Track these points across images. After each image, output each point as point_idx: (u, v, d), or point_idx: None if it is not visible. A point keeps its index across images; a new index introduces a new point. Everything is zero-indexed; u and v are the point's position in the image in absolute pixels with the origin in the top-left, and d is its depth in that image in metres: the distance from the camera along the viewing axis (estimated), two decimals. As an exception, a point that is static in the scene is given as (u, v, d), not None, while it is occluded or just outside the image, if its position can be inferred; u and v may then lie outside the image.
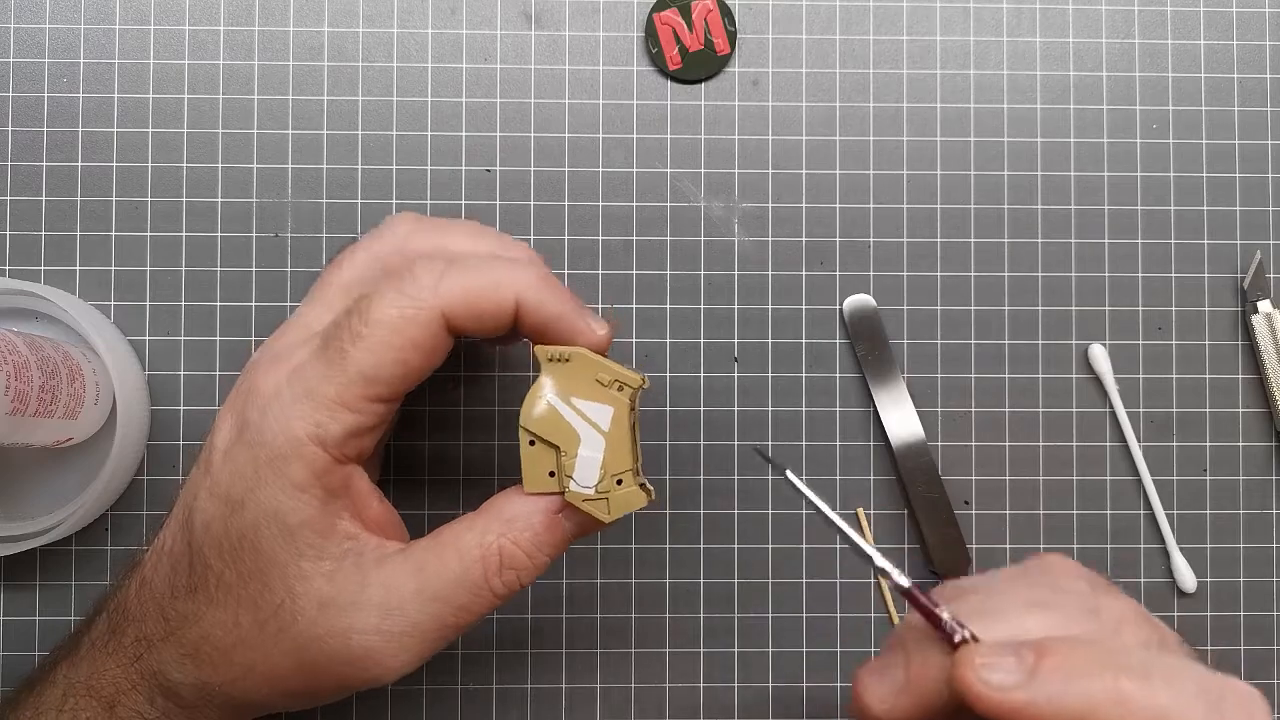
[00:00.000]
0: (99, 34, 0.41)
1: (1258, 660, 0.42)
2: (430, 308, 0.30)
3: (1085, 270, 0.42)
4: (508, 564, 0.31)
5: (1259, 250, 0.42)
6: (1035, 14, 0.43)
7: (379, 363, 0.30)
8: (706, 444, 0.42)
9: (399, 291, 0.30)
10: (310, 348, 0.31)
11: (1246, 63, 0.43)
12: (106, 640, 0.32)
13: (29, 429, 0.35)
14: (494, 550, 0.31)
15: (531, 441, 0.31)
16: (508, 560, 0.31)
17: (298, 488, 0.30)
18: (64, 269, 0.41)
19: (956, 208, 0.42)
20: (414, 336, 0.30)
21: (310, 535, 0.30)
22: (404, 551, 0.31)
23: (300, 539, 0.30)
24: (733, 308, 0.42)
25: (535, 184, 0.42)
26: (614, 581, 0.41)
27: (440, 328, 0.30)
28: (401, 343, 0.30)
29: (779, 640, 0.41)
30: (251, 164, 0.41)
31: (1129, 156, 0.43)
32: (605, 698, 0.41)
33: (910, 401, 0.42)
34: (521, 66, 0.42)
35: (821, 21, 0.42)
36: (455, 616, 0.31)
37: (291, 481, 0.30)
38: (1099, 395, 0.42)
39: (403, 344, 0.30)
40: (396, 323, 0.30)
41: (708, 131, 0.42)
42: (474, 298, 0.30)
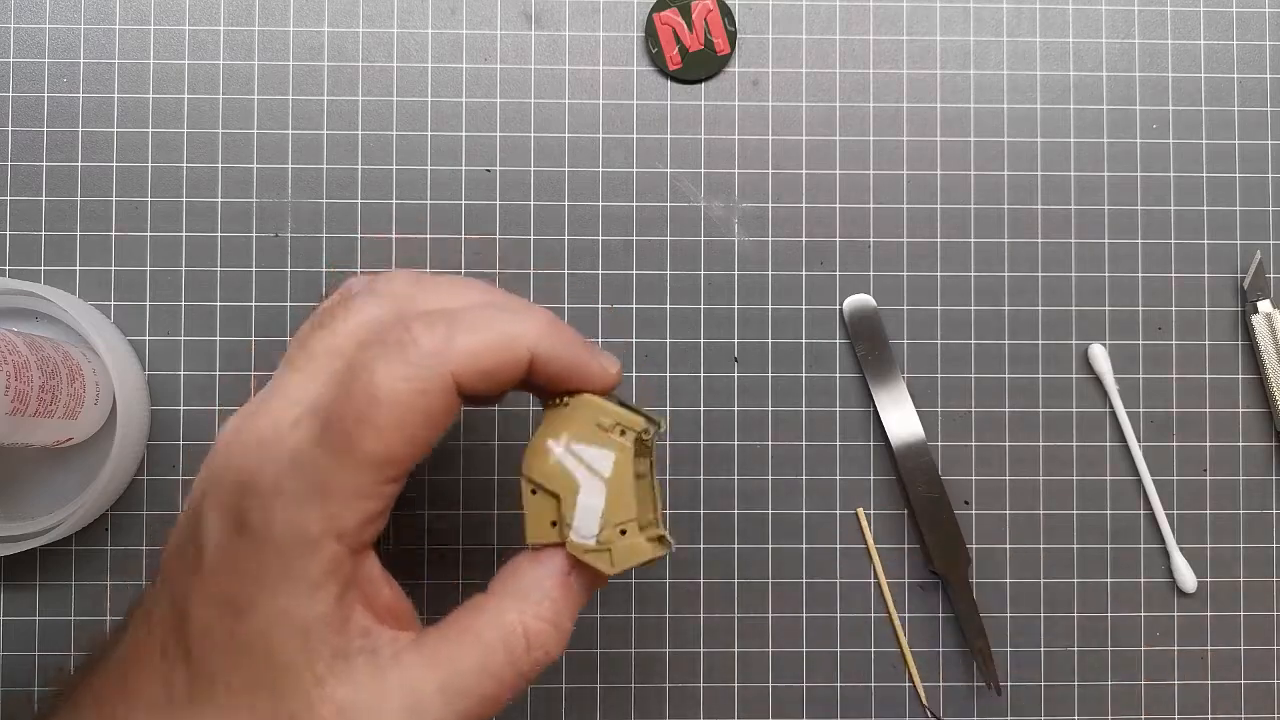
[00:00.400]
0: (99, 34, 0.41)
1: (1258, 660, 0.42)
2: (441, 375, 0.27)
3: (1085, 270, 0.42)
4: (535, 643, 0.29)
5: (1259, 250, 0.42)
6: (1035, 14, 0.43)
7: (391, 445, 0.27)
8: (706, 444, 0.42)
9: (404, 361, 0.27)
10: (307, 432, 0.27)
11: (1246, 63, 0.43)
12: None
13: (29, 429, 0.35)
14: (517, 632, 0.28)
15: (534, 490, 0.30)
16: (534, 640, 0.29)
17: (314, 585, 0.27)
18: (64, 269, 0.41)
19: (956, 208, 0.42)
20: (426, 409, 0.27)
21: (326, 634, 0.27)
22: (418, 644, 0.28)
23: (315, 639, 0.27)
24: (733, 308, 0.42)
25: (535, 184, 0.42)
26: (614, 581, 0.41)
27: (452, 395, 0.27)
28: (414, 420, 0.27)
29: (779, 640, 0.41)
30: (251, 164, 0.41)
31: (1129, 156, 0.43)
32: (605, 698, 0.41)
33: (910, 401, 0.42)
34: (521, 66, 0.42)
35: (821, 21, 0.42)
36: (482, 708, 0.28)
37: (308, 581, 0.27)
38: (1099, 395, 0.42)
39: (415, 421, 0.27)
40: (405, 399, 0.27)
41: (708, 131, 0.42)
42: (485, 357, 0.28)
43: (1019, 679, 0.42)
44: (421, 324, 0.28)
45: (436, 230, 0.42)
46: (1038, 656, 0.42)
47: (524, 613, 0.29)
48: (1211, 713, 0.42)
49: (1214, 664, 0.42)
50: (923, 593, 0.42)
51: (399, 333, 0.27)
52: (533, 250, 0.42)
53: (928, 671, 0.42)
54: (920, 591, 0.42)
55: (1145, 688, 0.42)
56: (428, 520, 0.41)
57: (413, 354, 0.27)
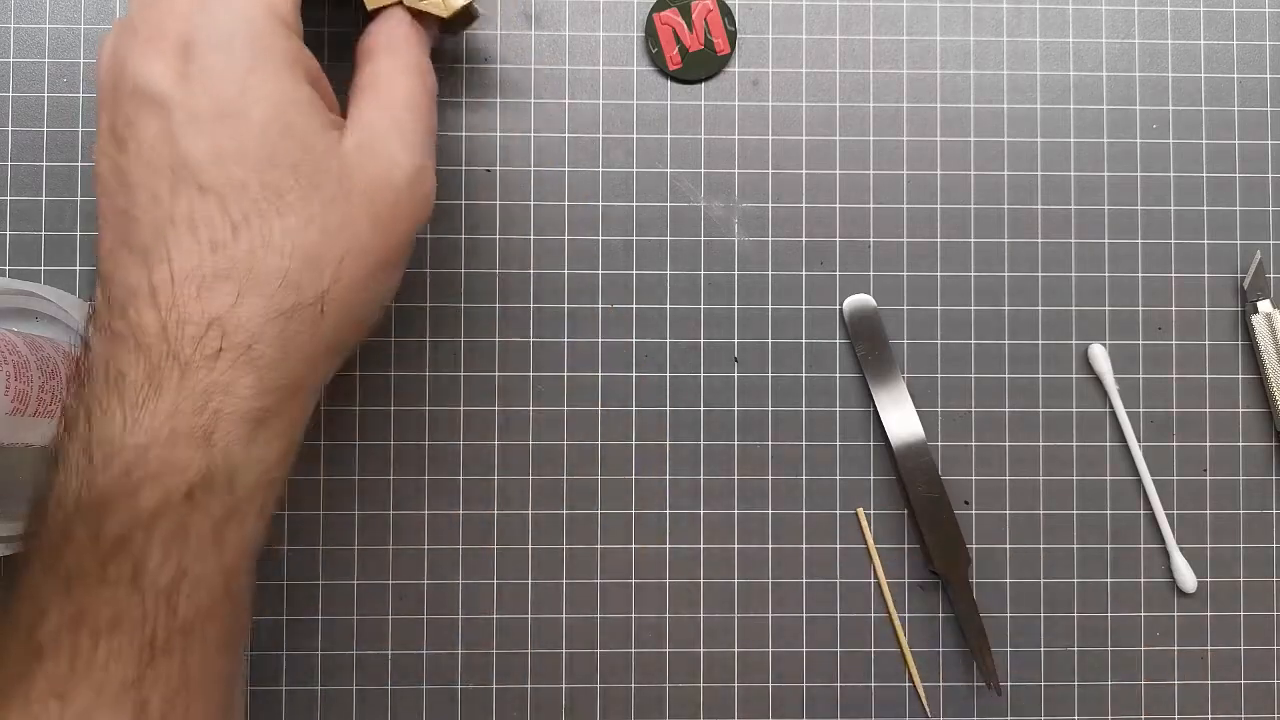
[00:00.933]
0: (99, 34, 0.41)
1: (1258, 661, 0.42)
2: None
3: (1085, 270, 0.42)
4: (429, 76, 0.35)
5: (1259, 250, 0.42)
6: (1035, 14, 0.43)
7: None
8: (706, 444, 0.42)
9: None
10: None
11: (1246, 63, 0.43)
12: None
13: (29, 429, 0.35)
14: (419, 70, 0.34)
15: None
16: (428, 73, 0.35)
17: (292, 63, 0.30)
18: (64, 269, 0.41)
19: (956, 208, 0.42)
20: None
21: (316, 101, 0.31)
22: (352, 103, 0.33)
23: (313, 108, 0.31)
24: (733, 307, 0.42)
25: (535, 184, 0.42)
26: (614, 582, 0.41)
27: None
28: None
29: (779, 640, 0.41)
30: (251, 164, 0.41)
31: (1129, 156, 0.43)
32: (605, 697, 0.41)
33: (910, 401, 0.42)
34: (521, 66, 0.42)
35: (822, 21, 0.42)
36: (430, 120, 0.34)
37: (286, 60, 0.30)
38: (1099, 395, 0.42)
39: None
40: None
41: (708, 131, 0.42)
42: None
43: (1019, 679, 0.42)
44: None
45: (436, 231, 0.42)
46: (1038, 656, 0.42)
47: (397, 59, 0.34)
48: (1211, 713, 0.42)
49: (1214, 664, 0.42)
50: (923, 593, 0.42)
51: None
52: (533, 250, 0.42)
53: (928, 671, 0.42)
54: (920, 591, 0.42)
55: (1145, 688, 0.42)
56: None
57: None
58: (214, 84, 0.29)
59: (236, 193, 0.29)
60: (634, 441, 0.41)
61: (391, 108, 0.33)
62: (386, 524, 0.41)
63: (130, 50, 0.30)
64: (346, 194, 0.31)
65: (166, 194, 0.29)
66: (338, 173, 0.31)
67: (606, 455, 0.41)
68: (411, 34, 0.34)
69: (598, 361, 0.41)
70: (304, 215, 0.30)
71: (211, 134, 0.29)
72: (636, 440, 0.41)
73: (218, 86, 0.29)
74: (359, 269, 0.31)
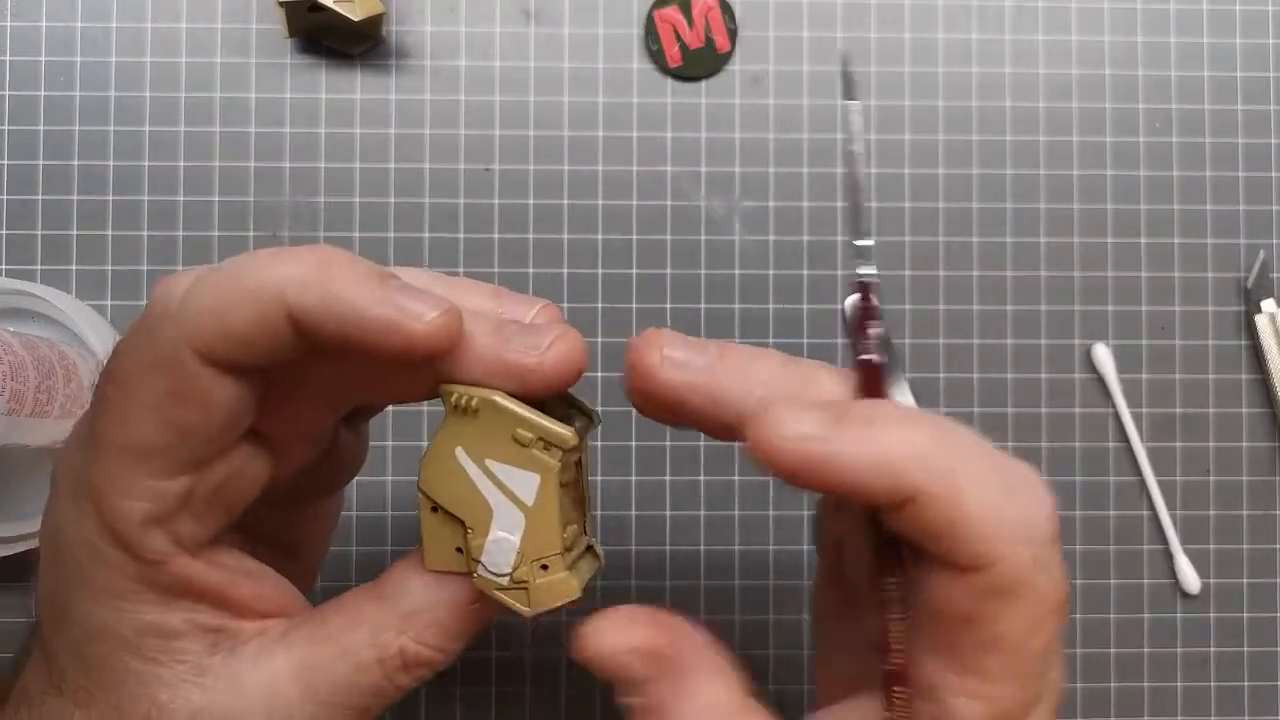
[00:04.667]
0: (95, 32, 0.41)
1: (1261, 662, 0.42)
2: (168, 345, 0.22)
3: (1088, 270, 0.42)
4: (413, 663, 0.25)
5: (1263, 250, 0.42)
6: (1038, 11, 0.43)
7: (135, 431, 0.22)
8: (706, 444, 0.41)
9: (138, 329, 0.23)
10: (78, 424, 0.24)
11: (1250, 60, 0.43)
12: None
13: (25, 429, 0.35)
14: (394, 652, 0.24)
15: (435, 508, 0.24)
16: (412, 660, 0.25)
17: (118, 595, 0.23)
18: (60, 268, 0.41)
19: (959, 206, 0.42)
20: (169, 389, 0.22)
21: (157, 641, 0.24)
22: (287, 642, 0.25)
23: (146, 648, 0.24)
24: (733, 307, 0.42)
25: (534, 182, 0.42)
26: (613, 583, 0.41)
27: (198, 367, 0.22)
28: (153, 398, 0.22)
29: (780, 642, 0.41)
30: (249, 162, 0.41)
31: (1132, 155, 0.42)
32: (605, 701, 0.41)
33: (913, 401, 0.41)
34: (520, 64, 0.42)
35: (823, 19, 0.42)
36: (356, 716, 0.25)
37: (110, 591, 0.23)
38: (1102, 395, 0.42)
39: (156, 399, 0.22)
40: (135, 375, 0.22)
41: (708, 130, 0.42)
42: (223, 315, 0.21)
43: (1021, 681, 0.42)
44: (165, 283, 0.23)
45: (435, 229, 0.41)
46: (1040, 658, 0.42)
47: (406, 634, 0.25)
48: (1215, 714, 0.42)
49: (1217, 666, 0.42)
50: (924, 594, 0.42)
51: (152, 292, 0.23)
52: (532, 249, 0.41)
53: (929, 673, 0.41)
54: (922, 593, 0.42)
55: (1148, 689, 0.42)
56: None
57: (145, 320, 0.22)
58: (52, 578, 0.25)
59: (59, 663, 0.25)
60: (634, 442, 0.41)
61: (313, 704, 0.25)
62: (385, 525, 0.41)
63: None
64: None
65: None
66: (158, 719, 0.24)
67: (606, 456, 0.41)
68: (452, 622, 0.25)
69: (598, 362, 0.41)
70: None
71: (52, 614, 0.25)
72: (636, 441, 0.41)
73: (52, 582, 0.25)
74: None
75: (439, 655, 0.25)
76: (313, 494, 0.29)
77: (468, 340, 0.23)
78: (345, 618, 0.25)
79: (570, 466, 0.25)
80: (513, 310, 0.25)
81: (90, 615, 0.24)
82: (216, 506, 0.24)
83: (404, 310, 0.22)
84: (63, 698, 0.25)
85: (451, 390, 0.23)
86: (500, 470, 0.23)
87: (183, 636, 0.24)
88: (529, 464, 0.23)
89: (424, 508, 0.24)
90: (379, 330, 0.22)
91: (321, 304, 0.21)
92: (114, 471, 0.22)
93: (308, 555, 0.30)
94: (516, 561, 0.24)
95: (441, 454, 0.24)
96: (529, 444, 0.23)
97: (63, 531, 0.24)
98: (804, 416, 0.21)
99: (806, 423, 0.21)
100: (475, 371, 0.23)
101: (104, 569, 0.23)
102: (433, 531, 0.24)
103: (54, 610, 0.25)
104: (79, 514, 0.23)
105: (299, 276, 0.22)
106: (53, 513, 0.25)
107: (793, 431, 0.21)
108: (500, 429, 0.23)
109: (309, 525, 0.30)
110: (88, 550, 0.23)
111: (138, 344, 0.22)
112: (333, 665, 0.24)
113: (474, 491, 0.23)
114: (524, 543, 0.24)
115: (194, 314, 0.22)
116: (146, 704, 0.24)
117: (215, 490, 0.24)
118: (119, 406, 0.22)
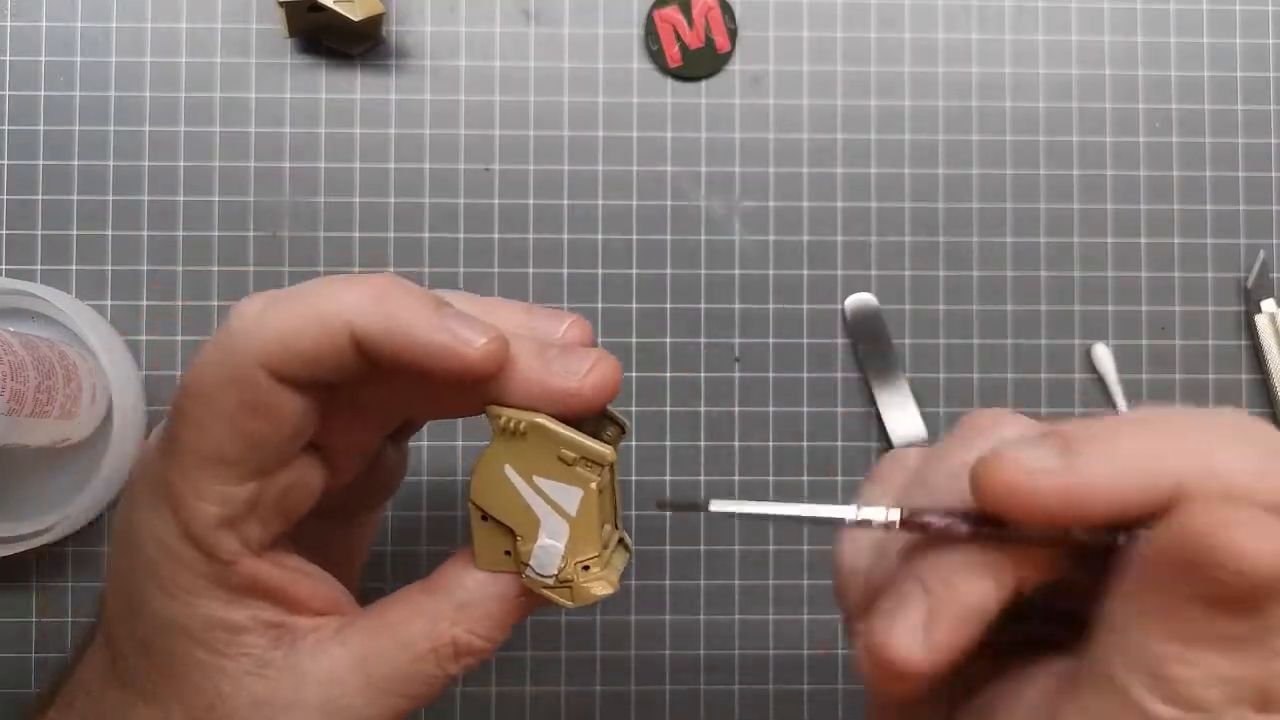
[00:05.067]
0: (95, 32, 0.41)
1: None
2: (243, 362, 0.24)
3: (1088, 270, 0.42)
4: (464, 651, 0.27)
5: (1263, 250, 0.42)
6: (1038, 11, 0.43)
7: (211, 440, 0.24)
8: (707, 444, 0.41)
9: (214, 347, 0.25)
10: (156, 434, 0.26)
11: (1250, 60, 0.43)
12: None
13: (25, 429, 0.35)
14: (447, 641, 0.27)
15: (485, 517, 0.27)
16: (464, 648, 0.27)
17: (190, 593, 0.25)
18: (60, 268, 0.41)
19: (959, 206, 0.42)
20: (242, 401, 0.24)
21: (224, 635, 0.26)
22: (343, 636, 0.27)
23: (213, 641, 0.26)
24: (733, 307, 0.42)
25: (534, 182, 0.42)
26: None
27: (269, 383, 0.24)
28: (228, 410, 0.24)
29: (779, 643, 0.41)
30: (249, 162, 0.41)
31: (1132, 155, 0.42)
32: (605, 698, 0.41)
33: (913, 401, 0.41)
34: (520, 64, 0.42)
35: (823, 19, 0.42)
36: (409, 704, 0.27)
37: (182, 588, 0.25)
38: (1102, 395, 0.42)
39: (231, 411, 0.24)
40: (215, 389, 0.24)
41: (708, 129, 0.42)
42: (299, 339, 0.24)
43: (1021, 681, 0.42)
44: (240, 305, 0.25)
45: (435, 229, 0.41)
46: (1040, 658, 0.42)
47: (459, 624, 0.27)
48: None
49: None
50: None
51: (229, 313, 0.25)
52: (532, 249, 0.41)
53: (929, 673, 0.41)
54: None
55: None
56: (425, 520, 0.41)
57: (222, 338, 0.24)
58: (126, 576, 0.27)
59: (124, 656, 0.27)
60: (634, 442, 0.41)
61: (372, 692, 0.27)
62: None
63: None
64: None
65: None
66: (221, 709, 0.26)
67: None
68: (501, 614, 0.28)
69: (597, 361, 0.41)
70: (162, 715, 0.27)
71: (122, 610, 0.27)
72: (637, 440, 0.41)
73: (126, 580, 0.27)
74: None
75: (488, 644, 0.27)
76: (357, 507, 0.31)
77: (513, 364, 0.25)
78: (403, 610, 0.27)
79: (611, 472, 0.27)
80: (544, 325, 0.27)
81: (161, 609, 0.26)
82: (279, 513, 0.26)
83: (457, 336, 0.24)
84: (125, 689, 0.27)
85: (499, 414, 0.25)
86: (546, 485, 0.26)
87: (247, 631, 0.26)
88: (573, 480, 0.26)
89: (474, 516, 0.27)
90: (435, 354, 0.24)
91: (383, 329, 0.24)
92: (191, 476, 0.25)
93: (347, 566, 0.32)
94: (561, 565, 0.26)
95: (491, 470, 0.26)
96: (572, 462, 0.26)
97: (138, 531, 0.26)
98: (1035, 452, 0.20)
99: (1042, 457, 0.19)
100: (520, 394, 0.25)
101: (178, 566, 0.25)
102: (483, 537, 0.27)
103: (124, 605, 0.26)
104: (156, 515, 0.25)
105: (363, 303, 0.24)
106: (128, 513, 0.26)
107: (1033, 465, 0.19)
108: (546, 449, 0.26)
109: (351, 538, 0.32)
110: (162, 549, 0.25)
111: (214, 360, 0.24)
112: (391, 655, 0.26)
113: (523, 504, 0.26)
114: (568, 548, 0.26)
115: (267, 334, 0.24)
116: (211, 694, 0.26)
117: (278, 497, 0.26)
118: (196, 417, 0.24)
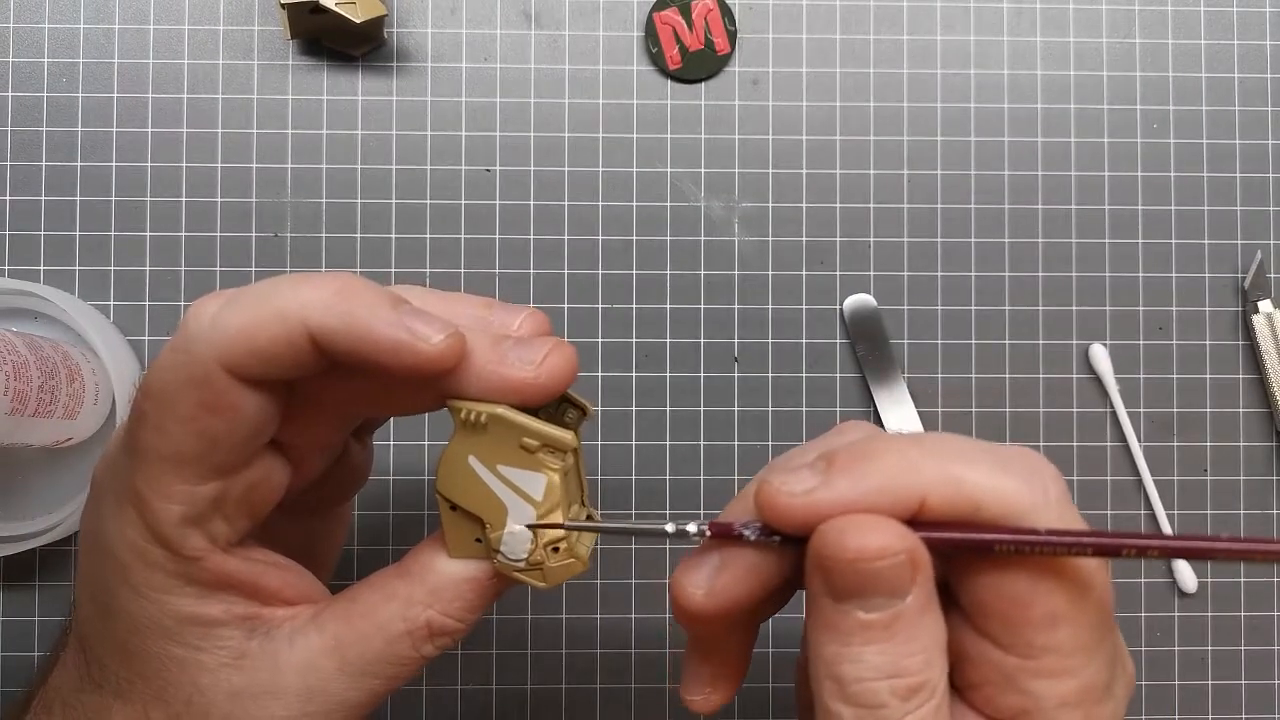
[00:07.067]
0: (98, 34, 0.41)
1: (1258, 660, 0.42)
2: (201, 362, 0.24)
3: (1086, 270, 0.42)
4: (438, 633, 0.27)
5: (1259, 250, 0.42)
6: (1036, 13, 0.43)
7: (171, 440, 0.24)
8: (707, 444, 0.42)
9: (172, 348, 0.25)
10: (119, 434, 0.26)
11: (1247, 62, 0.43)
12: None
13: (28, 429, 0.35)
14: (422, 624, 0.27)
15: (454, 507, 0.27)
16: (438, 629, 0.27)
17: (160, 590, 0.26)
18: (63, 269, 0.41)
19: (957, 207, 0.42)
20: (201, 401, 0.24)
21: (198, 630, 0.26)
22: (318, 622, 0.27)
23: (188, 637, 0.26)
24: (733, 307, 0.42)
25: (535, 184, 0.42)
26: (613, 582, 0.41)
27: (231, 383, 0.24)
28: (188, 410, 0.24)
29: (779, 641, 0.41)
30: (251, 163, 0.41)
31: (1129, 156, 0.43)
32: (605, 698, 0.41)
33: (911, 402, 0.41)
34: (521, 66, 0.42)
35: (822, 21, 0.42)
36: (386, 684, 0.27)
37: (151, 587, 0.25)
38: (1100, 395, 0.42)
39: (190, 411, 0.24)
40: (174, 389, 0.24)
41: (708, 131, 0.42)
42: (257, 337, 0.24)
43: (1019, 679, 0.42)
44: (196, 304, 0.25)
45: (436, 230, 0.41)
46: (1038, 657, 0.42)
47: (433, 608, 0.27)
48: (1212, 713, 0.42)
49: (1215, 664, 0.42)
50: (923, 593, 0.42)
51: (186, 313, 0.25)
52: (532, 250, 0.42)
53: (928, 672, 0.42)
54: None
55: (1146, 688, 0.42)
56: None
57: (179, 339, 0.24)
58: (96, 576, 0.27)
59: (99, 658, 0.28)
60: (634, 442, 0.41)
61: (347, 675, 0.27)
62: (386, 524, 0.41)
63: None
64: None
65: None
66: (200, 703, 0.27)
67: (606, 455, 0.41)
68: (474, 597, 0.28)
69: (598, 361, 0.41)
70: (139, 713, 0.27)
71: (94, 611, 0.27)
72: (636, 440, 0.41)
73: (96, 580, 0.27)
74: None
75: (461, 626, 0.28)
76: (324, 503, 0.31)
77: (470, 358, 0.25)
78: (377, 594, 0.27)
79: (576, 454, 0.27)
80: (501, 319, 0.27)
81: (134, 610, 0.26)
82: (243, 510, 0.26)
83: (414, 332, 0.24)
84: (101, 692, 0.27)
85: (460, 407, 0.25)
86: (511, 473, 0.26)
87: (221, 625, 0.26)
88: (536, 466, 0.26)
89: (443, 507, 0.27)
90: (391, 350, 0.24)
91: (340, 326, 0.24)
92: (154, 477, 0.25)
93: (321, 562, 0.33)
94: (531, 548, 0.26)
95: (456, 462, 0.26)
96: (535, 449, 0.26)
97: (105, 534, 0.26)
98: (796, 476, 0.24)
99: (802, 480, 0.24)
100: (477, 387, 0.25)
101: (147, 567, 0.25)
102: (453, 526, 0.27)
103: (95, 608, 0.27)
104: (122, 517, 0.25)
105: (320, 300, 0.24)
106: (94, 517, 0.27)
107: (792, 488, 0.23)
108: (508, 439, 0.25)
109: (321, 533, 0.33)
110: (131, 550, 0.25)
111: (173, 362, 0.24)
112: (366, 638, 0.27)
113: (489, 493, 0.26)
114: (536, 532, 0.26)
115: (224, 333, 0.24)
116: (188, 689, 0.26)
117: (242, 495, 0.26)
118: (156, 418, 0.24)
